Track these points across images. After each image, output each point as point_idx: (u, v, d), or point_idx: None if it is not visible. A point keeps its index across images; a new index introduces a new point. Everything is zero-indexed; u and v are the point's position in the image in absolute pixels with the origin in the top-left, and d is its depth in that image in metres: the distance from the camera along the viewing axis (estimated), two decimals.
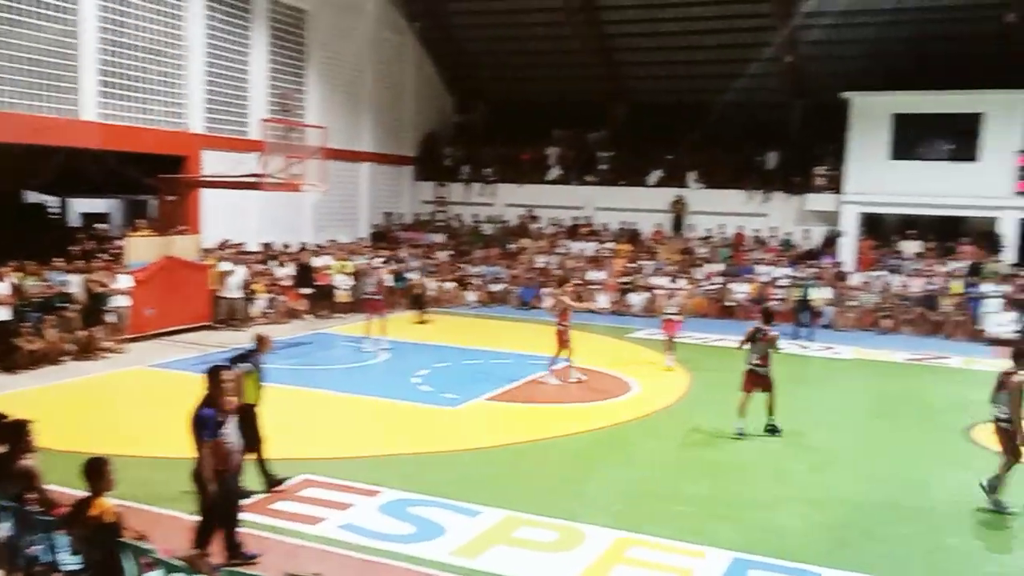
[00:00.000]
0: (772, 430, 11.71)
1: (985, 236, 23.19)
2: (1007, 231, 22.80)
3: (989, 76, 22.02)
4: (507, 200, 29.21)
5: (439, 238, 28.49)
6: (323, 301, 21.55)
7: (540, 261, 26.21)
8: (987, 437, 11.76)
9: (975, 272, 22.08)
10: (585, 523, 8.27)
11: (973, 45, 22.63)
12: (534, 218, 28.75)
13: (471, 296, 24.83)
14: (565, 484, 9.66)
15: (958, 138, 23.25)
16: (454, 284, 25.06)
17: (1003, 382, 9.04)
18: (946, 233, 24.14)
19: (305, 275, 21.43)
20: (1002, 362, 16.90)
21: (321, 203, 24.53)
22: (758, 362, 11.75)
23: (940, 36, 23.14)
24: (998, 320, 20.64)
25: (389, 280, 20.97)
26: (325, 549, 7.59)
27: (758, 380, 11.71)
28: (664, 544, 7.89)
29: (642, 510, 8.81)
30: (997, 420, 9.08)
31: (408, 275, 23.39)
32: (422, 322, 21.20)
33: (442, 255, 26.85)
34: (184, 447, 7.06)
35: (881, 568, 7.52)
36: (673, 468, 10.39)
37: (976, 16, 22.75)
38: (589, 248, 26.75)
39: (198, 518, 7.02)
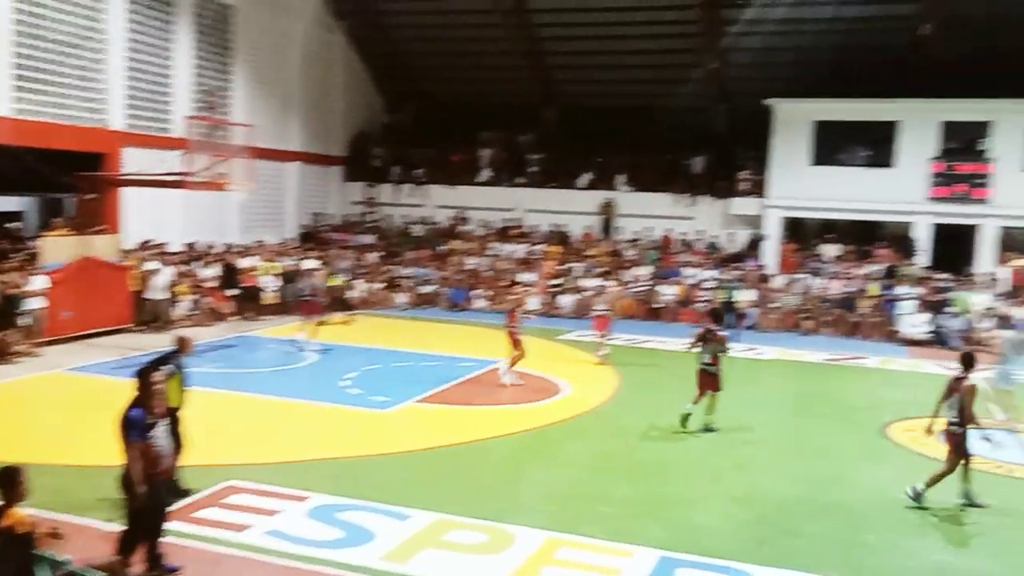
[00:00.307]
0: (708, 430, 11.97)
1: (900, 240, 24.02)
2: (921, 235, 23.65)
3: (905, 85, 22.87)
4: (438, 202, 29.15)
5: (369, 239, 28.23)
6: (249, 303, 21.15)
7: (470, 263, 26.20)
8: (902, 435, 12.27)
9: (891, 275, 22.87)
10: (515, 524, 8.30)
11: (890, 55, 23.43)
12: (464, 220, 28.73)
13: (401, 298, 24.67)
14: (496, 486, 9.69)
15: (875, 145, 24.06)
16: (384, 286, 24.87)
17: (953, 388, 9.31)
18: (864, 237, 24.94)
19: (230, 276, 20.98)
20: (918, 362, 17.55)
21: (248, 203, 24.08)
22: (709, 362, 12.12)
23: (860, 46, 23.86)
24: (912, 321, 21.41)
25: (321, 283, 20.73)
26: (251, 557, 7.45)
27: (710, 380, 12.08)
28: (593, 544, 7.97)
29: (571, 511, 8.87)
30: (949, 424, 9.32)
31: (337, 276, 23.13)
32: (345, 323, 20.97)
33: (372, 256, 26.62)
34: (102, 453, 6.86)
35: (801, 563, 7.72)
36: (602, 468, 10.49)
37: (893, 28, 23.55)
38: (519, 250, 26.85)
39: (123, 525, 6.82)
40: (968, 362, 9.37)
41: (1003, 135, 22.76)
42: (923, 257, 23.49)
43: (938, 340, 20.84)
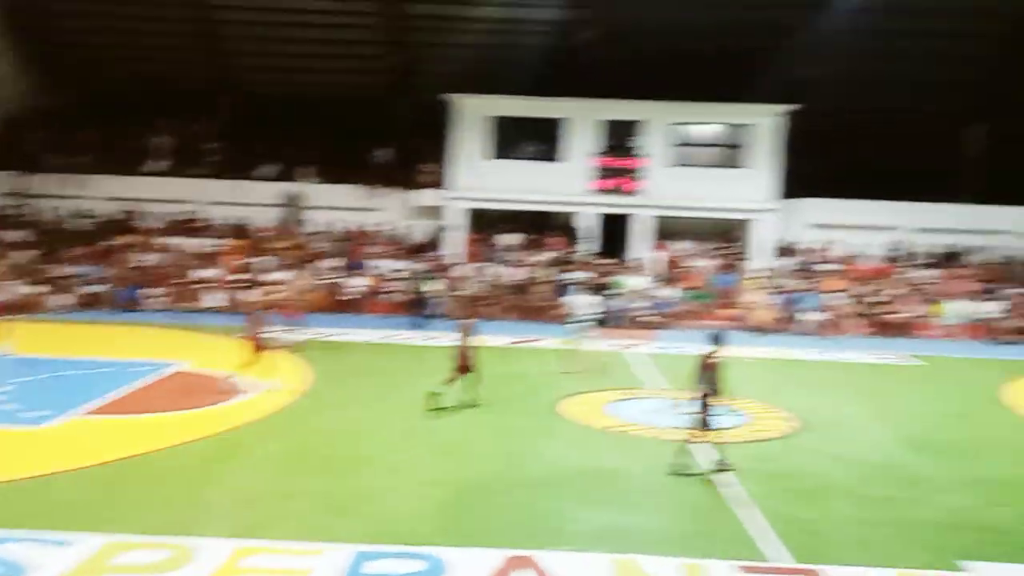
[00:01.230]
0: (472, 404, 13.06)
1: (570, 229, 25.98)
2: (587, 224, 25.72)
3: (572, 86, 24.73)
4: (105, 193, 26.66)
5: (20, 235, 25.13)
6: None
7: (144, 259, 24.31)
8: (571, 410, 13.29)
9: (562, 262, 24.67)
10: (200, 536, 7.82)
11: (559, 57, 25.21)
12: (135, 212, 26.55)
13: (61, 300, 22.27)
14: (178, 497, 9.03)
15: (545, 141, 25.73)
16: (40, 287, 22.32)
17: (706, 364, 10.17)
18: (539, 226, 26.65)
19: None
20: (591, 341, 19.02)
21: None
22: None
23: (529, 47, 25.39)
24: (582, 303, 23.20)
25: None
26: None
27: (465, 365, 13.08)
28: (281, 547, 7.70)
29: (260, 514, 8.54)
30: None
31: None
32: None
33: (24, 255, 23.75)
34: None
35: (488, 538, 8.07)
36: (295, 467, 10.20)
37: (557, 31, 25.28)
38: (200, 244, 25.36)
39: None
40: (717, 340, 10.33)
41: (653, 133, 25.38)
42: (591, 244, 25.53)
43: (602, 320, 22.84)
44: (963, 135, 28.22)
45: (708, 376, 10.14)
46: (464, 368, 13.15)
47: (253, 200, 26.57)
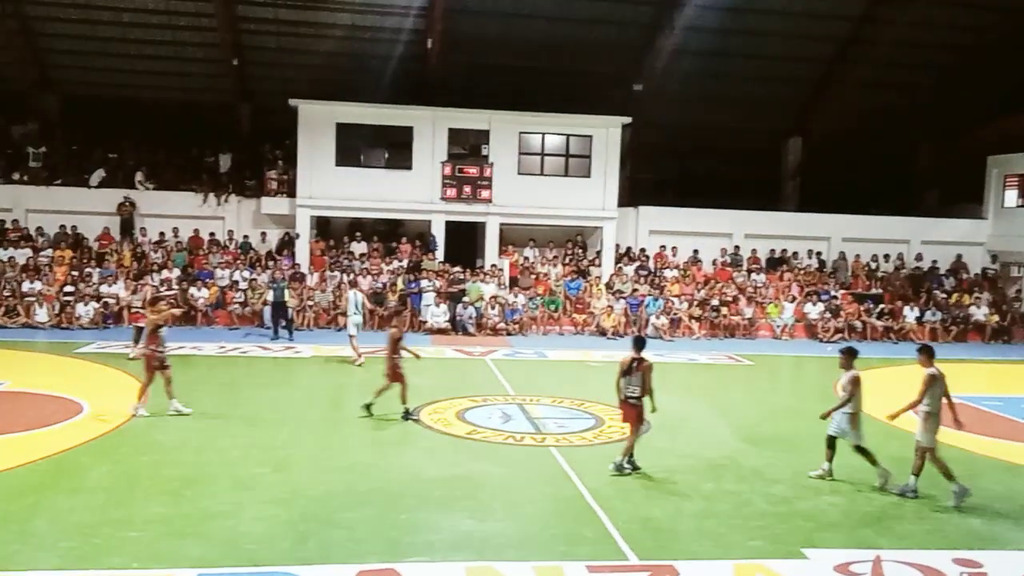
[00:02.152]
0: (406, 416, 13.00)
1: (420, 237, 25.86)
2: (437, 232, 25.68)
3: (419, 94, 24.64)
4: None
5: None
6: None
7: None
8: (429, 418, 13.20)
9: (414, 269, 24.52)
10: (26, 570, 7.23)
11: (407, 65, 25.05)
12: None
13: None
14: (2, 528, 8.30)
15: (394, 148, 25.50)
16: None
17: (634, 367, 10.49)
18: (389, 235, 26.39)
19: None
20: (440, 348, 18.95)
21: None
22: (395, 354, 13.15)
23: (376, 55, 25.13)
24: (434, 312, 23.23)
25: None
26: None
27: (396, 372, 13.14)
28: None
29: (95, 543, 7.97)
30: (628, 398, 10.56)
31: None
32: None
33: None
34: None
35: (343, 554, 7.88)
36: (131, 490, 9.56)
37: (403, 40, 25.13)
38: (21, 255, 23.53)
39: None
40: (640, 345, 10.72)
41: (499, 142, 25.64)
42: (440, 252, 25.50)
43: (455, 327, 22.95)
44: (783, 148, 30.27)
45: (638, 378, 10.56)
46: (395, 376, 13.15)
47: (83, 208, 24.92)
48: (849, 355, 10.73)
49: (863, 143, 29.11)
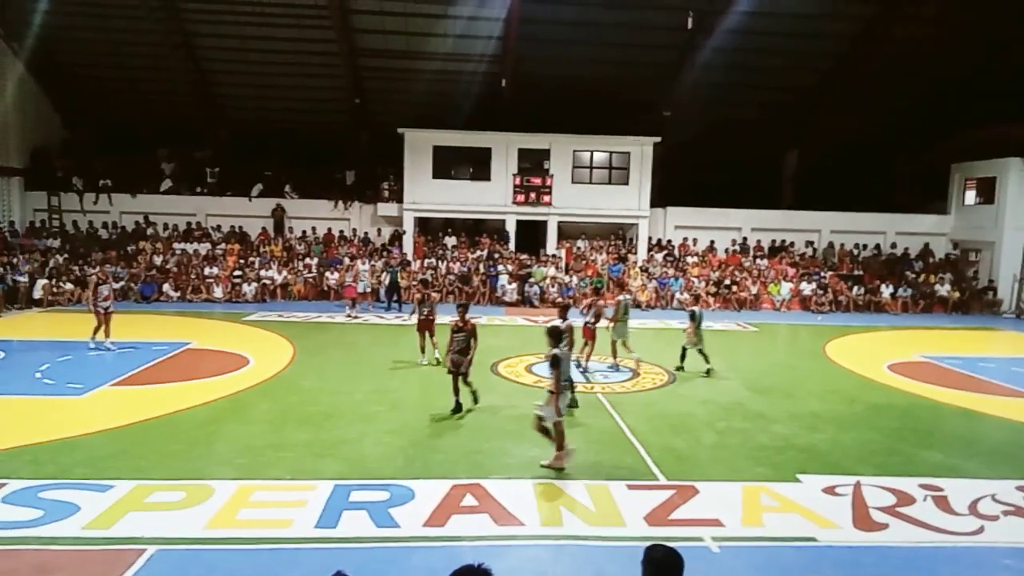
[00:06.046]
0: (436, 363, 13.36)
1: (497, 232, 25.94)
2: (510, 228, 25.72)
3: (494, 122, 24.63)
4: (122, 208, 25.51)
5: (54, 243, 23.84)
6: None
7: (158, 260, 23.35)
8: (504, 370, 13.30)
9: (491, 257, 24.61)
10: (213, 479, 7.63)
11: (484, 99, 25.06)
12: (150, 223, 25.47)
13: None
14: (192, 449, 8.75)
15: (477, 164, 25.54)
16: (73, 285, 21.22)
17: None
18: (473, 230, 26.53)
19: None
20: (512, 318, 18.91)
21: None
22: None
23: (463, 92, 25.14)
24: (508, 288, 23.32)
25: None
26: None
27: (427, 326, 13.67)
28: (280, 484, 7.58)
29: (260, 460, 8.35)
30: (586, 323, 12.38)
31: (18, 277, 19.31)
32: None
33: (58, 258, 22.55)
34: None
35: (440, 471, 8.06)
36: (284, 422, 9.96)
37: (484, 80, 25.07)
38: (203, 248, 24.46)
39: None
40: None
41: (558, 158, 25.48)
42: (512, 244, 25.54)
43: (523, 301, 23.01)
44: (782, 159, 29.33)
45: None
46: (426, 326, 13.60)
47: (247, 213, 25.73)
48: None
49: (848, 153, 28.03)
